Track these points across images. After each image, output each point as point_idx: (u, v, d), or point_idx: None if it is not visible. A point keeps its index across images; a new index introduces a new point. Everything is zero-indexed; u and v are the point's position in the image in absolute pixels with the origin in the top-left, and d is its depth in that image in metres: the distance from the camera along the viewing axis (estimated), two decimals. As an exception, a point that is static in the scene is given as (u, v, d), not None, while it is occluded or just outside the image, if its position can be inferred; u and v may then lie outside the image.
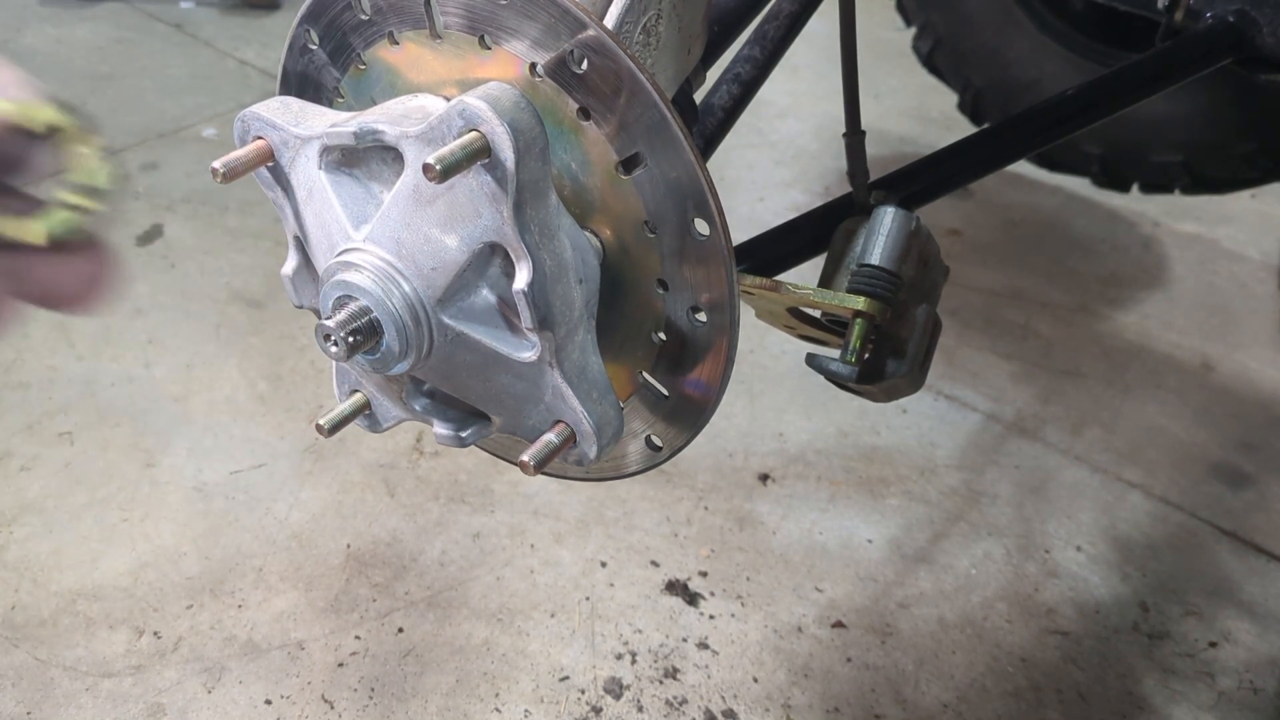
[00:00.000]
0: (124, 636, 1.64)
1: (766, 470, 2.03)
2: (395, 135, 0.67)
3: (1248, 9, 1.47)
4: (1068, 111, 1.34)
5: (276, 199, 0.75)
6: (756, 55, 1.24)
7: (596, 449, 0.73)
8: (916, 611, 1.78)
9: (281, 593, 1.72)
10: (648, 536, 1.87)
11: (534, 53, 0.68)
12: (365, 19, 0.74)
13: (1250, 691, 1.69)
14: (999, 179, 2.82)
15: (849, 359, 0.98)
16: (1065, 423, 2.21)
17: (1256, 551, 1.94)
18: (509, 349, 0.70)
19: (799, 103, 3.43)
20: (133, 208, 2.69)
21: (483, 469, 1.96)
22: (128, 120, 3.10)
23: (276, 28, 3.77)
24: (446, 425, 0.79)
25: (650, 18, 0.84)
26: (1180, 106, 2.17)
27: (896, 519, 1.95)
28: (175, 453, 1.97)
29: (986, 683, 1.67)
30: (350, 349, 0.67)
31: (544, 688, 1.61)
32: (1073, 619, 1.79)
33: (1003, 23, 2.39)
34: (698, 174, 0.67)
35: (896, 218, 1.02)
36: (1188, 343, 2.48)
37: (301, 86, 0.81)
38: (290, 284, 0.79)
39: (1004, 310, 2.55)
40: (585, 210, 0.72)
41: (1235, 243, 2.87)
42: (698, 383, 0.76)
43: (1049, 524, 1.96)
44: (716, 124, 1.18)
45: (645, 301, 0.75)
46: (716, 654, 1.68)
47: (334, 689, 1.59)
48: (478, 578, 1.78)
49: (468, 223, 0.66)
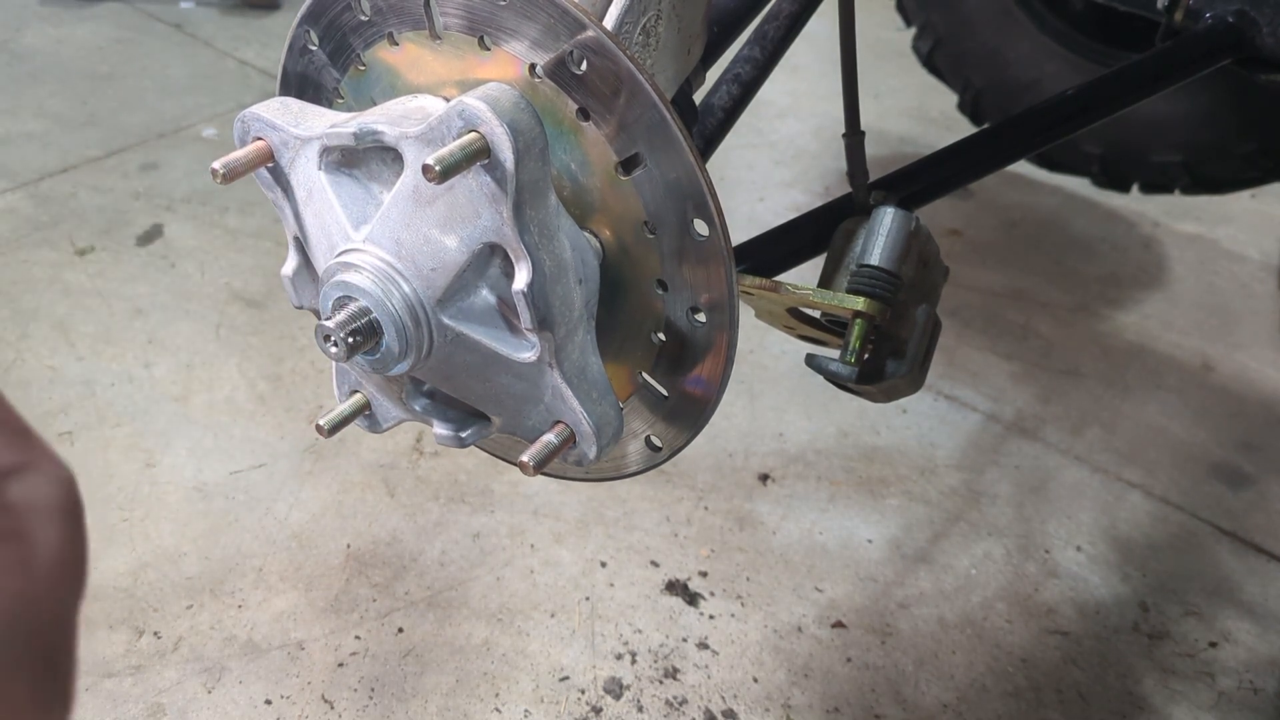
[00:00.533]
0: (124, 636, 1.64)
1: (766, 470, 2.03)
2: (395, 136, 0.67)
3: (1248, 9, 1.47)
4: (1068, 111, 1.33)
5: (276, 199, 0.75)
6: (756, 55, 1.24)
7: (596, 449, 0.73)
8: (916, 611, 1.78)
9: (281, 593, 1.72)
10: (648, 536, 1.87)
11: (533, 53, 0.68)
12: (365, 20, 0.74)
13: (1250, 691, 1.69)
14: (999, 179, 2.82)
15: (849, 359, 0.98)
16: (1065, 423, 2.21)
17: (1256, 551, 1.94)
18: (509, 349, 0.70)
19: (799, 103, 3.43)
20: (133, 208, 2.69)
21: (483, 469, 1.96)
22: (128, 120, 3.10)
23: (276, 28, 3.77)
24: (446, 425, 0.79)
25: (650, 18, 0.84)
26: (1180, 106, 2.17)
27: (896, 519, 1.95)
28: (175, 453, 1.97)
29: (986, 683, 1.67)
30: (350, 349, 0.67)
31: (544, 688, 1.61)
32: (1073, 619, 1.79)
33: (1003, 23, 2.39)
34: (697, 174, 0.67)
35: (896, 218, 1.02)
36: (1188, 343, 2.48)
37: (301, 87, 0.81)
38: (290, 284, 0.79)
39: (1004, 310, 2.55)
40: (585, 211, 0.72)
41: (1235, 243, 2.87)
42: (698, 382, 0.76)
43: (1049, 524, 1.96)
44: (716, 124, 1.18)
45: (645, 302, 0.75)
46: (716, 654, 1.68)
47: (334, 689, 1.59)
48: (478, 578, 1.78)
49: (467, 223, 0.66)
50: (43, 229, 2.59)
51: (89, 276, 2.43)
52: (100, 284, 2.41)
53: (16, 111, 3.12)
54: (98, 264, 2.48)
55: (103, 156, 2.92)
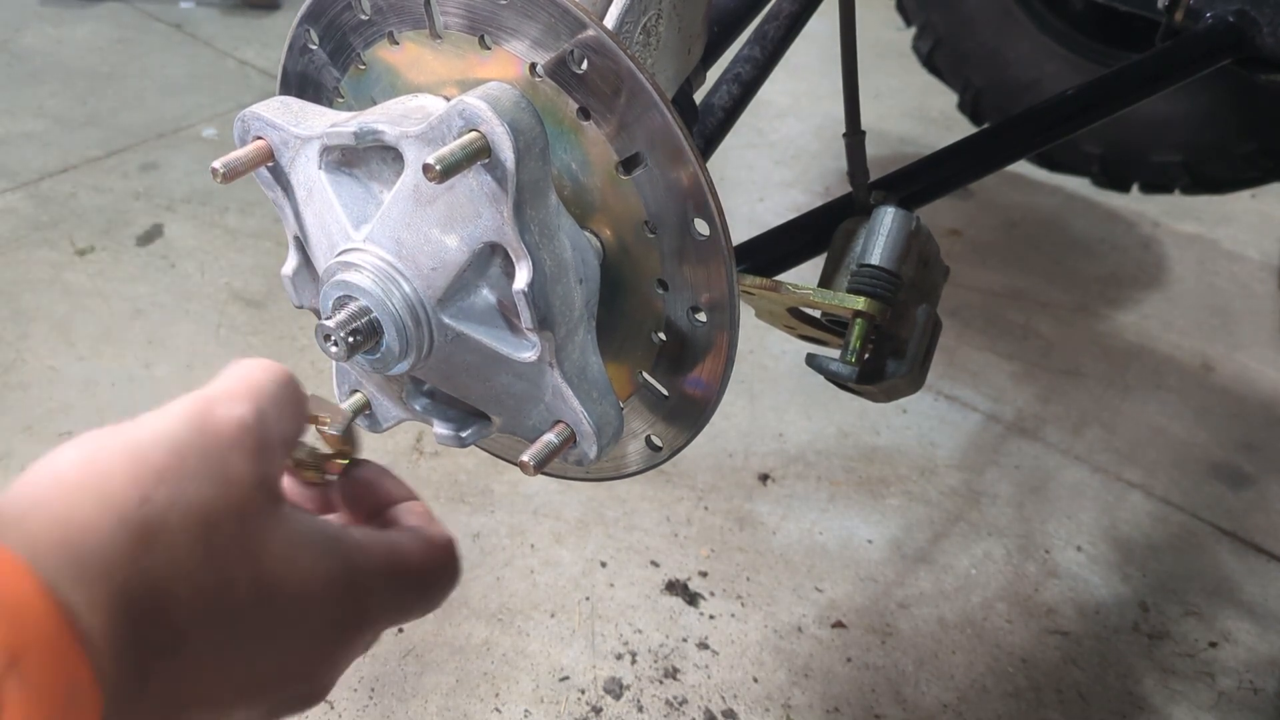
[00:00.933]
0: (124, 636, 1.64)
1: (766, 470, 2.03)
2: (395, 135, 0.67)
3: (1248, 9, 1.47)
4: (1068, 111, 1.33)
5: (276, 199, 0.75)
6: (756, 55, 1.24)
7: (596, 449, 0.73)
8: (916, 611, 1.78)
9: (281, 593, 1.72)
10: (648, 536, 1.87)
11: (534, 53, 0.68)
12: (365, 19, 0.74)
13: (1250, 691, 1.69)
14: (999, 179, 2.82)
15: (849, 359, 0.98)
16: (1065, 423, 2.21)
17: (1256, 551, 1.94)
18: (509, 349, 0.70)
19: (799, 103, 3.43)
20: (133, 208, 2.69)
21: (483, 469, 1.96)
22: (128, 120, 3.10)
23: (276, 28, 3.77)
24: (446, 425, 0.79)
25: (650, 18, 0.84)
26: (1180, 106, 2.17)
27: (896, 519, 1.95)
28: (175, 453, 1.97)
29: (986, 683, 1.67)
30: (350, 349, 0.67)
31: (544, 688, 1.61)
32: (1073, 619, 1.79)
33: (1003, 23, 2.39)
34: (698, 174, 0.67)
35: (896, 218, 1.02)
36: (1188, 343, 2.48)
37: (301, 86, 0.81)
38: (290, 284, 0.79)
39: (1004, 310, 2.55)
40: (585, 210, 0.72)
41: (1235, 243, 2.87)
42: (698, 382, 0.76)
43: (1049, 524, 1.96)
44: (716, 124, 1.18)
45: (645, 301, 0.75)
46: (716, 654, 1.68)
47: (334, 689, 1.59)
48: (478, 578, 1.77)
49: (468, 223, 0.66)
50: (43, 229, 2.59)
51: (89, 276, 2.43)
52: (100, 284, 2.41)
53: (16, 111, 3.12)
54: (98, 264, 2.48)
55: (103, 156, 2.92)
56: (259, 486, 0.49)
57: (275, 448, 0.52)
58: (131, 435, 0.47)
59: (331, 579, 0.50)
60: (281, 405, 0.53)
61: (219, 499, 0.47)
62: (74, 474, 0.45)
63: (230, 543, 0.47)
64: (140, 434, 0.48)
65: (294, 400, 0.55)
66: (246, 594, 0.47)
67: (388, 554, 0.55)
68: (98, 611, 0.41)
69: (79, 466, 0.45)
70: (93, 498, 0.43)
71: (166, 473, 0.46)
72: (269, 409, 0.52)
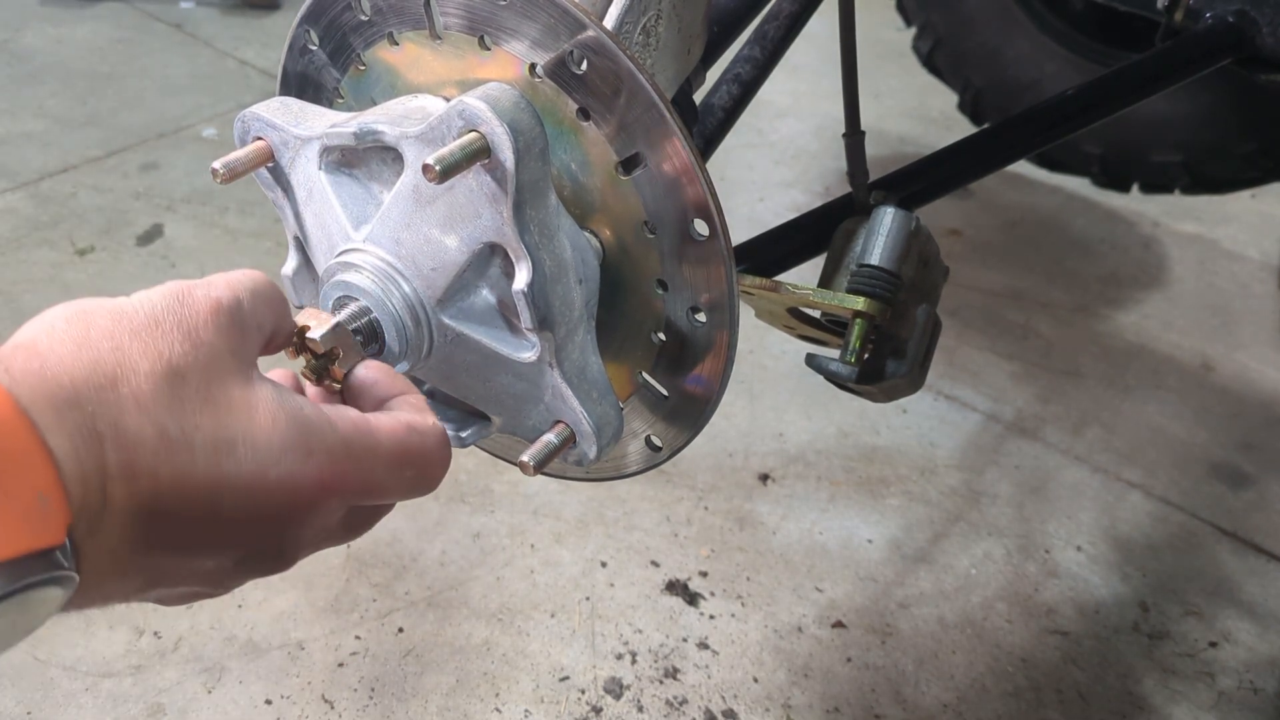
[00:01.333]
0: (124, 636, 1.64)
1: (766, 470, 2.03)
2: (395, 135, 0.67)
3: (1248, 9, 1.47)
4: (1068, 111, 1.33)
5: (276, 199, 0.75)
6: (756, 55, 1.24)
7: (596, 449, 0.73)
8: (916, 611, 1.78)
9: (281, 592, 1.72)
10: (648, 536, 1.87)
11: (534, 53, 0.68)
12: (365, 19, 0.74)
13: (1250, 691, 1.69)
14: (999, 179, 2.82)
15: (849, 359, 0.98)
16: (1065, 423, 2.21)
17: (1256, 551, 1.94)
18: (509, 349, 0.70)
19: (799, 103, 3.43)
20: (133, 208, 2.69)
21: (483, 469, 1.96)
22: (128, 120, 3.10)
23: (276, 28, 3.77)
24: (446, 425, 0.79)
25: (650, 18, 0.85)
26: (1180, 106, 2.17)
27: (896, 519, 1.95)
28: (175, 453, 1.97)
29: (986, 683, 1.67)
30: (350, 349, 0.67)
31: (544, 688, 1.61)
32: (1073, 619, 1.79)
33: (1003, 23, 2.39)
34: (698, 174, 0.67)
35: (896, 218, 1.02)
36: (1188, 343, 2.48)
37: (301, 87, 0.81)
38: (290, 284, 0.79)
39: (1004, 310, 2.55)
40: (585, 210, 0.72)
41: (1235, 243, 2.87)
42: (698, 382, 0.76)
43: (1049, 524, 1.96)
44: (716, 124, 1.18)
45: (645, 302, 0.75)
46: (716, 654, 1.68)
47: (334, 689, 1.59)
48: (478, 578, 1.78)
49: (467, 223, 0.67)
50: (43, 229, 2.59)
51: (89, 276, 2.43)
52: (100, 284, 2.41)
53: (16, 111, 3.12)
54: (98, 264, 2.48)
55: (103, 156, 2.92)
56: (231, 354, 0.54)
57: (250, 329, 0.57)
58: (116, 302, 0.53)
59: (289, 442, 0.53)
60: (257, 297, 0.58)
61: (188, 355, 0.52)
62: (60, 324, 0.50)
63: (194, 393, 0.51)
64: (124, 302, 0.53)
65: (271, 296, 0.59)
66: (207, 439, 0.51)
67: (355, 429, 0.58)
68: (64, 435, 0.45)
69: (65, 319, 0.50)
70: (72, 342, 0.49)
71: (143, 330, 0.51)
72: (245, 297, 0.57)
